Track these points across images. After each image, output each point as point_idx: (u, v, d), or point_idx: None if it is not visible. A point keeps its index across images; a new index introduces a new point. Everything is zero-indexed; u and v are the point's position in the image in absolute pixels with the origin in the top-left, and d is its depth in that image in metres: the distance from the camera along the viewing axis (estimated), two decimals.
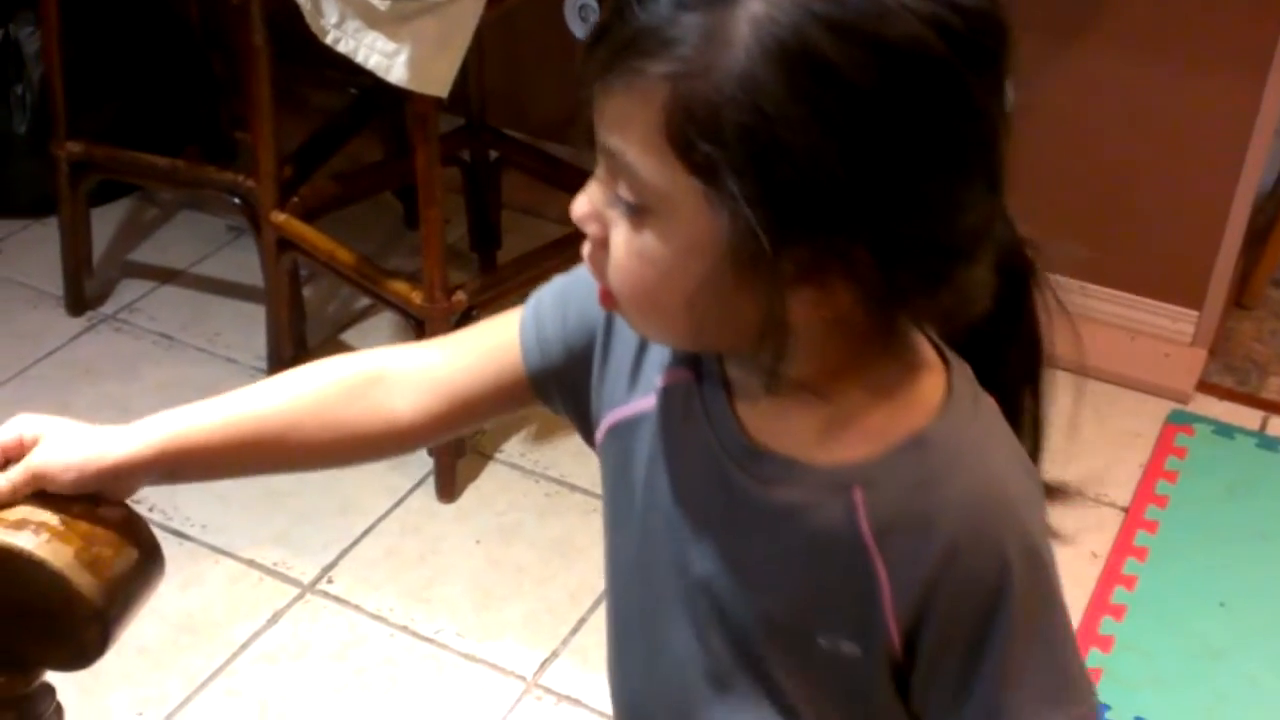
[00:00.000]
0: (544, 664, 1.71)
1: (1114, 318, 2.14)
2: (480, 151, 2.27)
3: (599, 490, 2.06)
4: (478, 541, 1.87)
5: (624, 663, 0.85)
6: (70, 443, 0.76)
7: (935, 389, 0.72)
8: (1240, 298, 2.30)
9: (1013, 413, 0.76)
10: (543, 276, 2.27)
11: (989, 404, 0.74)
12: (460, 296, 1.85)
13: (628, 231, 0.67)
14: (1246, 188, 2.01)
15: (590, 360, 0.81)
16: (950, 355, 0.73)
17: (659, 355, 0.78)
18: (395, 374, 0.85)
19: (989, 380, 0.74)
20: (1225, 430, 2.07)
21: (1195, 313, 2.11)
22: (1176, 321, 2.13)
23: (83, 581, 0.73)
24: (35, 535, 0.73)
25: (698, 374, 0.76)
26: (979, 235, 0.66)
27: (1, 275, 2.34)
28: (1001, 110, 0.65)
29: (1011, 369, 0.76)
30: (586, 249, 0.71)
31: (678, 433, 0.76)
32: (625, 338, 0.80)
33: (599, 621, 1.76)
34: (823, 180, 0.60)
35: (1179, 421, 2.07)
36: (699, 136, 0.61)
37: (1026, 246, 0.73)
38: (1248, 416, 2.10)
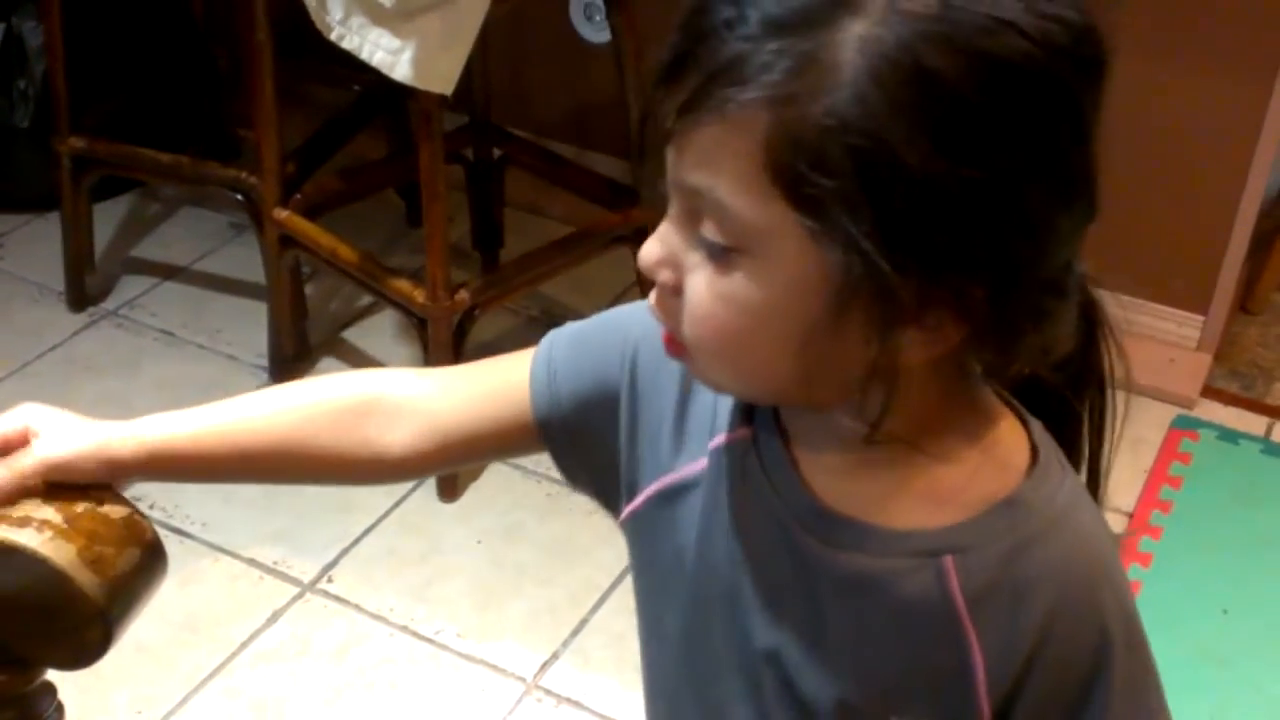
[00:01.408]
0: (544, 665, 1.70)
1: (1119, 322, 2.13)
2: (484, 150, 2.26)
3: None
4: (479, 541, 1.87)
5: None
6: (77, 434, 0.77)
7: (1019, 448, 0.68)
8: (1246, 303, 2.30)
9: (1078, 461, 0.73)
10: (546, 275, 2.28)
11: (1069, 463, 0.70)
12: (463, 295, 1.84)
13: (712, 275, 0.62)
14: (1253, 193, 2.00)
15: (612, 420, 0.77)
16: (1024, 411, 0.70)
17: (705, 415, 0.74)
18: (392, 406, 0.81)
19: (1056, 427, 0.71)
20: (1230, 436, 2.06)
21: (1201, 318, 2.11)
22: (1182, 326, 2.12)
23: (85, 580, 0.72)
24: (38, 533, 0.73)
25: (753, 433, 0.71)
26: (1072, 268, 0.64)
27: (3, 270, 2.34)
28: (1098, 131, 0.63)
29: (1078, 413, 0.72)
30: (654, 297, 0.66)
31: (736, 496, 0.71)
32: (657, 400, 0.75)
33: (600, 623, 1.77)
34: (940, 208, 0.57)
35: (1184, 427, 2.07)
36: (807, 167, 0.57)
37: (1090, 282, 0.69)
38: (1253, 422, 2.09)
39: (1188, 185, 2.04)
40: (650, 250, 0.64)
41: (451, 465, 0.84)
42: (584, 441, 0.78)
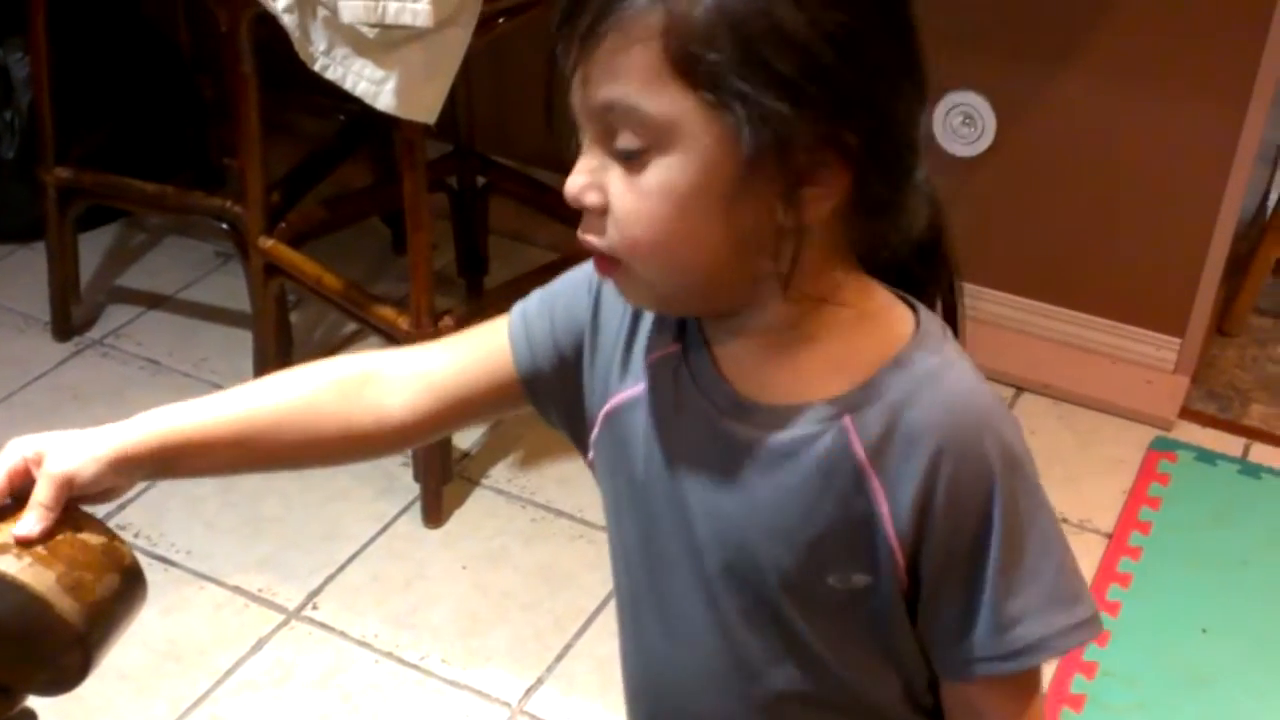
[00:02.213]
0: (529, 690, 1.70)
1: (1097, 345, 2.15)
2: (468, 178, 2.28)
3: (585, 516, 2.06)
4: (463, 567, 1.87)
5: (641, 644, 0.86)
6: (75, 444, 0.79)
7: (905, 318, 0.76)
8: (1222, 325, 2.32)
9: None
10: None
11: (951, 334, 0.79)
12: (447, 321, 1.85)
13: (632, 179, 0.69)
14: (1228, 216, 2.02)
15: (580, 363, 0.83)
16: (905, 294, 0.78)
17: (644, 342, 0.80)
18: (388, 373, 0.87)
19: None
20: (1208, 457, 2.08)
21: (1178, 340, 2.13)
22: (1159, 349, 2.14)
23: (64, 606, 0.73)
24: (17, 559, 0.74)
25: (683, 347, 0.79)
26: (919, 142, 0.73)
27: None
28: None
29: (931, 290, 0.81)
30: (582, 227, 0.73)
31: (671, 404, 0.79)
32: (611, 334, 0.82)
33: (585, 648, 1.77)
34: (817, 65, 0.66)
35: (1162, 448, 2.08)
36: (700, 47, 0.66)
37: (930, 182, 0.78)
38: (1230, 443, 2.11)
39: (1163, 209, 2.06)
40: (574, 181, 0.72)
41: (450, 425, 0.89)
42: (560, 385, 0.84)
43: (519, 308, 0.87)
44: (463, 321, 1.87)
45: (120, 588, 0.76)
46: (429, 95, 1.66)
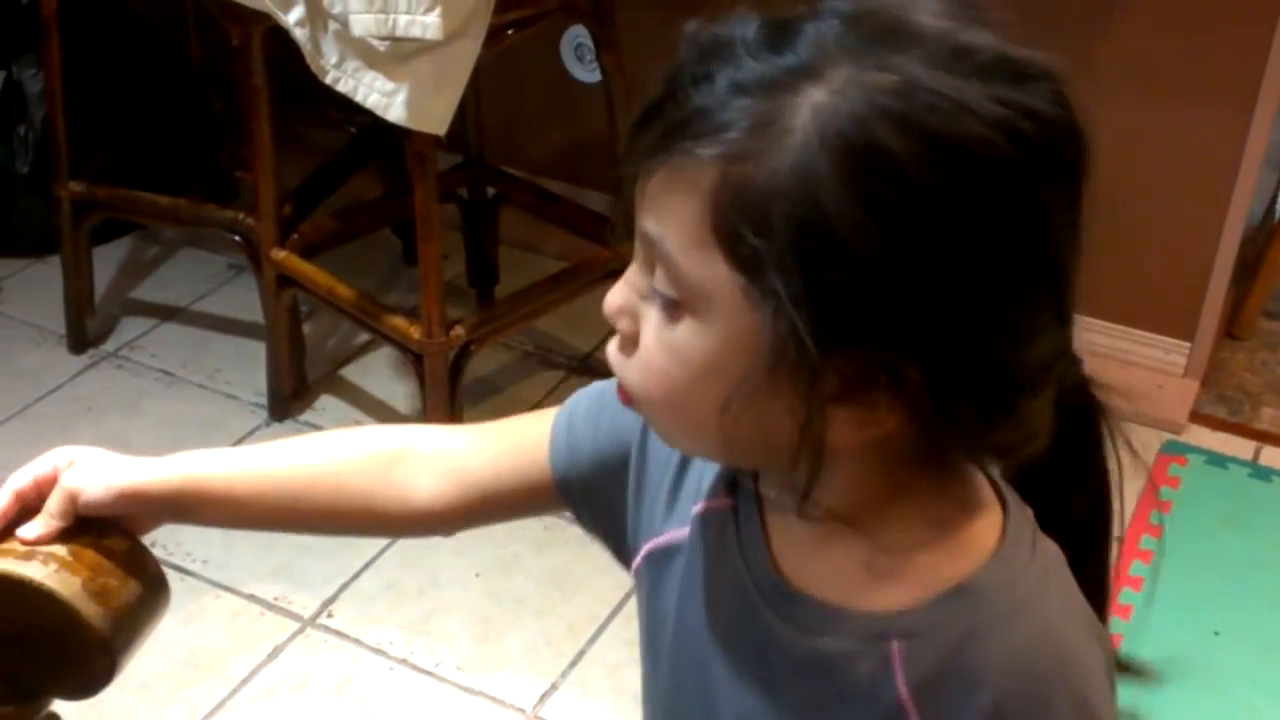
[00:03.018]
0: (544, 696, 1.71)
1: (1106, 349, 2.16)
2: (478, 188, 2.29)
3: None
4: (477, 574, 1.88)
5: None
6: (98, 465, 0.78)
7: (990, 533, 0.66)
8: (1231, 329, 2.32)
9: (1074, 572, 0.70)
10: (540, 311, 2.31)
11: (1051, 551, 0.67)
12: (458, 331, 1.86)
13: (660, 326, 0.62)
14: (1235, 219, 2.03)
15: (623, 478, 0.78)
16: (1012, 498, 0.68)
17: (696, 482, 0.74)
18: (419, 455, 0.83)
19: (1049, 533, 0.69)
20: (1218, 460, 2.08)
21: (1187, 344, 2.13)
22: (1169, 353, 2.15)
23: (90, 611, 0.74)
24: (44, 565, 0.75)
25: (735, 503, 0.71)
26: (1043, 368, 0.61)
27: (4, 313, 2.36)
28: (1074, 232, 0.61)
29: (1072, 519, 0.70)
30: (613, 345, 0.66)
31: (712, 566, 0.72)
32: (660, 461, 0.76)
33: (598, 654, 1.78)
34: (874, 286, 0.56)
35: (1172, 452, 2.09)
36: (746, 226, 0.57)
37: (1093, 385, 0.68)
38: (1241, 447, 2.11)
39: (1172, 213, 2.06)
40: (612, 298, 0.65)
41: (476, 519, 0.84)
42: (599, 498, 0.79)
43: (570, 403, 0.81)
44: (473, 331, 1.88)
45: (144, 593, 0.78)
46: (439, 107, 1.67)
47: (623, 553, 0.80)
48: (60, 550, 0.76)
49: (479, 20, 1.63)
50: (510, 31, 1.75)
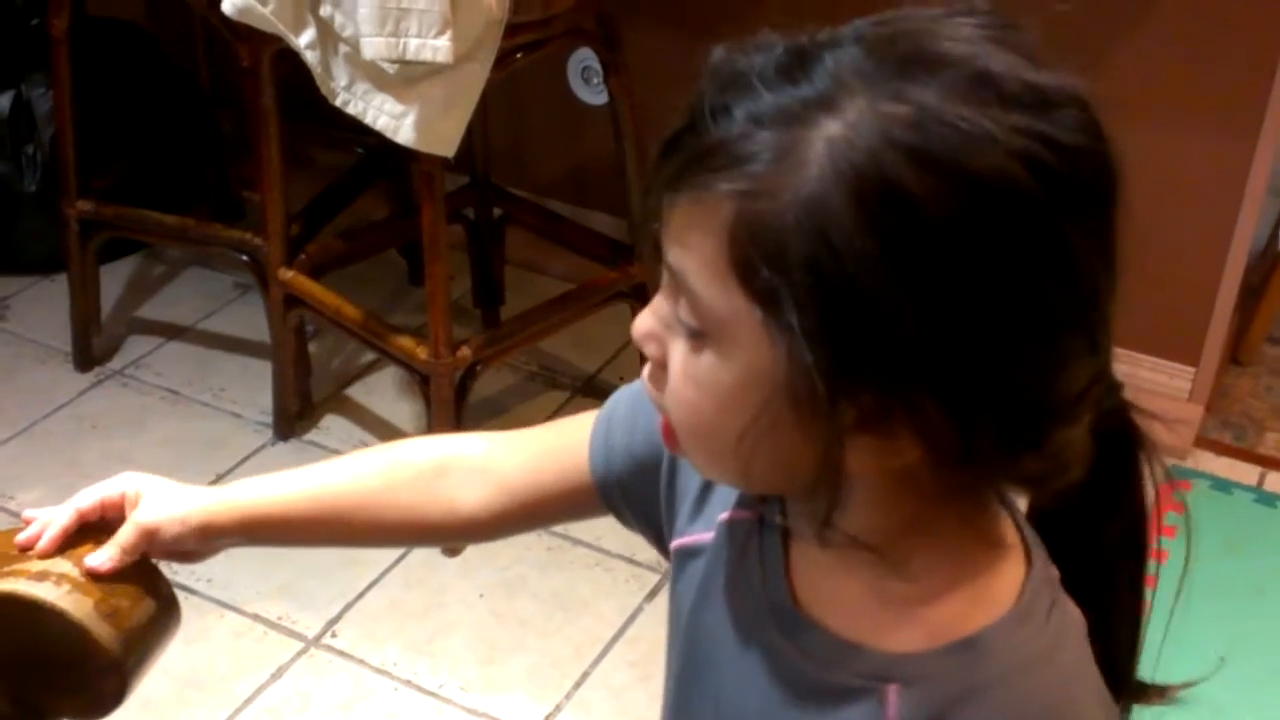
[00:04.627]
0: (547, 718, 1.71)
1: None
2: (484, 209, 2.30)
3: (601, 544, 2.06)
4: (481, 595, 1.88)
5: None
6: (170, 501, 0.81)
7: (1010, 588, 0.64)
8: (1236, 354, 2.33)
9: (1107, 605, 0.70)
10: (546, 332, 2.31)
11: (1071, 616, 0.66)
12: (464, 352, 1.87)
13: (686, 355, 0.61)
14: (1240, 245, 2.04)
15: (658, 476, 0.78)
16: (1038, 554, 0.66)
17: (727, 489, 0.74)
18: (463, 465, 0.86)
19: (1082, 562, 0.68)
20: (1223, 485, 2.08)
21: (1192, 369, 2.14)
22: (1173, 378, 2.15)
23: (102, 632, 0.75)
24: (56, 586, 0.75)
25: (761, 517, 0.71)
26: (1076, 397, 0.60)
27: (11, 332, 2.37)
28: (1105, 260, 0.59)
29: (1108, 549, 0.70)
30: (646, 371, 0.65)
31: (730, 575, 0.72)
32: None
33: (602, 675, 1.78)
34: (890, 322, 0.55)
35: (1177, 477, 2.08)
36: (761, 260, 0.56)
37: (1133, 412, 0.67)
38: (1245, 472, 2.12)
39: (1176, 239, 2.07)
40: (640, 324, 0.64)
41: (520, 525, 0.86)
42: (637, 498, 0.80)
43: (609, 405, 0.82)
44: (479, 351, 1.89)
45: (156, 614, 0.78)
46: (448, 129, 1.68)
47: (662, 543, 0.81)
48: (73, 571, 0.76)
49: (488, 44, 1.64)
50: (519, 55, 1.76)
